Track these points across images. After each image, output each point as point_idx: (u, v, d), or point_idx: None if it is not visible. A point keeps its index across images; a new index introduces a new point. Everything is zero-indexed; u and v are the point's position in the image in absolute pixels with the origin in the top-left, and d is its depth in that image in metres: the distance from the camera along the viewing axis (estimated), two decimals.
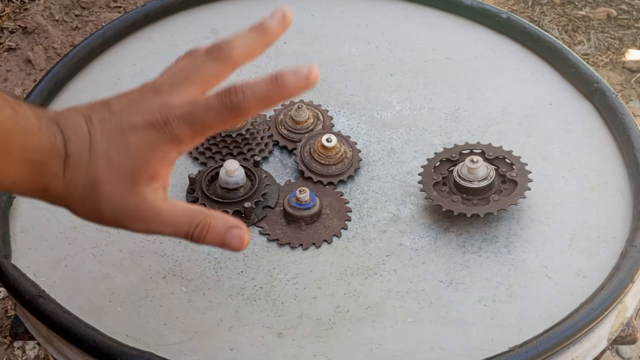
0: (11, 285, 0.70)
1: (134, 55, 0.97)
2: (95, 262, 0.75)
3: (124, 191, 0.53)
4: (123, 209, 0.53)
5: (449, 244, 0.77)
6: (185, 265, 0.75)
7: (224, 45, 0.55)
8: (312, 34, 0.99)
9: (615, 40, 1.99)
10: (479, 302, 0.72)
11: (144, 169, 0.53)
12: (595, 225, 0.78)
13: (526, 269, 0.75)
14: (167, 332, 0.70)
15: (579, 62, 0.92)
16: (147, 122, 0.52)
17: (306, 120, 0.86)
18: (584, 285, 0.73)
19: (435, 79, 0.94)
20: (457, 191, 0.78)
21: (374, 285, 0.74)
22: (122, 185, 0.53)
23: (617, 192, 0.81)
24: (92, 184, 0.52)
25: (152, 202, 0.54)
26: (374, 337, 0.70)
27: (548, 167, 0.83)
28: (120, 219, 0.54)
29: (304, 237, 0.77)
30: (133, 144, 0.52)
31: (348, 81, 0.94)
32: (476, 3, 1.00)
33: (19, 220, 0.79)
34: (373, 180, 0.83)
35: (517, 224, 0.78)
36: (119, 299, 0.72)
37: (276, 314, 0.71)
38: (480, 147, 0.82)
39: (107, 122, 0.53)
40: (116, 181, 0.53)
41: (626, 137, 0.83)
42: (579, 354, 0.70)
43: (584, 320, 0.67)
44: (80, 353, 0.68)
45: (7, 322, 1.44)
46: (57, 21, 1.98)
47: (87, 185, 0.52)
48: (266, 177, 0.82)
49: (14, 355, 1.40)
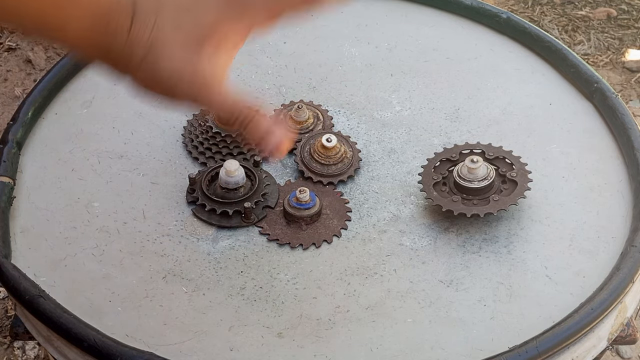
0: (11, 285, 0.71)
1: None
2: (95, 262, 0.75)
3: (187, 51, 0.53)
4: (182, 70, 0.53)
5: (449, 244, 0.77)
6: (185, 265, 0.75)
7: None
8: (312, 34, 0.99)
9: (615, 40, 1.99)
10: (479, 302, 0.72)
11: (210, 35, 0.54)
12: (595, 225, 0.78)
13: (526, 269, 0.75)
14: (167, 332, 0.70)
15: (579, 62, 0.92)
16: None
17: (306, 120, 0.86)
18: (584, 285, 0.73)
19: (435, 79, 0.94)
20: (457, 191, 0.78)
21: (374, 285, 0.74)
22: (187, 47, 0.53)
23: (617, 192, 0.81)
24: (157, 41, 0.52)
25: (213, 68, 0.54)
26: (374, 337, 0.70)
27: (548, 167, 0.83)
28: (173, 81, 0.53)
29: (304, 237, 0.77)
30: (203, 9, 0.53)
31: (348, 81, 0.94)
32: (476, 3, 1.00)
33: (19, 220, 0.79)
34: (373, 180, 0.83)
35: (517, 224, 0.78)
36: (119, 299, 0.72)
37: (276, 314, 0.71)
38: (480, 147, 0.82)
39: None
40: (181, 43, 0.53)
41: (626, 137, 0.83)
42: (579, 354, 0.70)
43: (584, 321, 0.67)
44: (80, 353, 0.68)
45: (7, 322, 1.44)
46: None
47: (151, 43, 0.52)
48: (266, 177, 0.82)
49: (14, 355, 1.40)
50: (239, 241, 0.77)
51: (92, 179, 0.82)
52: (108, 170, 0.83)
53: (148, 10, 0.52)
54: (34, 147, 0.86)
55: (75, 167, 0.84)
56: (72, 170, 0.83)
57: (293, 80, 0.94)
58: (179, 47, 0.53)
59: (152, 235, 0.78)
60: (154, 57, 0.53)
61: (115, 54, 0.53)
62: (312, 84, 0.93)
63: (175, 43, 0.53)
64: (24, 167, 0.84)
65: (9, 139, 0.83)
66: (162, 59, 0.53)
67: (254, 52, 0.96)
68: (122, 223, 0.79)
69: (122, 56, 0.53)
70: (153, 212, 0.80)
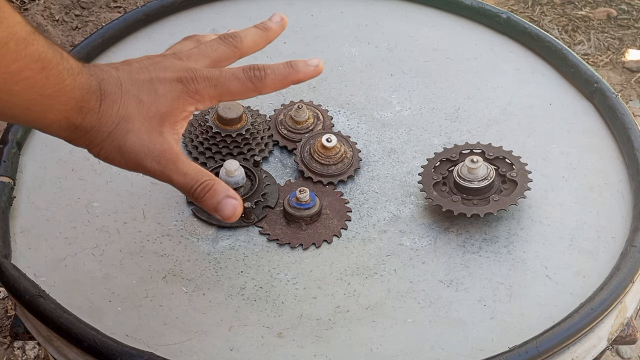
0: (11, 285, 0.70)
1: (134, 54, 0.96)
2: (95, 262, 0.75)
3: (151, 129, 0.59)
4: (147, 145, 0.59)
5: (449, 244, 0.77)
6: (185, 265, 0.75)
7: (235, 34, 0.65)
8: (313, 34, 0.99)
9: (615, 40, 1.99)
10: (479, 302, 0.72)
11: (169, 113, 0.60)
12: (595, 225, 0.78)
13: (526, 269, 0.75)
14: (167, 332, 0.70)
15: (579, 62, 0.92)
16: (174, 77, 0.61)
17: (306, 120, 0.86)
18: (584, 286, 0.73)
19: (435, 79, 0.94)
20: (457, 191, 0.78)
21: (374, 285, 0.74)
22: (150, 124, 0.59)
23: (617, 192, 0.81)
24: (123, 118, 0.58)
25: (174, 146, 0.60)
26: (374, 337, 0.70)
27: (548, 167, 0.83)
28: (140, 156, 0.59)
29: (304, 237, 0.77)
30: (162, 92, 0.60)
31: (348, 81, 0.94)
32: (476, 3, 1.00)
33: (19, 220, 0.79)
34: (373, 180, 0.83)
35: (517, 224, 0.78)
36: (119, 299, 0.72)
37: (276, 314, 0.71)
38: (480, 147, 0.82)
39: (135, 73, 0.60)
40: (145, 119, 0.59)
41: (626, 137, 0.83)
42: (579, 354, 0.70)
43: (584, 321, 0.67)
44: (80, 353, 0.68)
45: (7, 322, 1.44)
46: (57, 21, 1.98)
47: (118, 119, 0.58)
48: (266, 177, 0.82)
49: (14, 355, 1.40)
50: (239, 241, 0.77)
51: (92, 179, 0.82)
52: (108, 170, 0.83)
53: (114, 90, 0.58)
54: (34, 147, 0.85)
55: (75, 167, 0.83)
56: (72, 170, 0.83)
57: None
58: (145, 122, 0.59)
59: (152, 235, 0.78)
60: (122, 132, 0.59)
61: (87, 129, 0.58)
62: (312, 84, 0.93)
63: (141, 118, 0.59)
64: (24, 167, 0.84)
65: (9, 139, 0.83)
66: (129, 133, 0.59)
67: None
68: (122, 223, 0.79)
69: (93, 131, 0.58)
70: (153, 212, 0.80)
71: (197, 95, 0.61)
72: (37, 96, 0.53)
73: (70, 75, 0.55)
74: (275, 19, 0.68)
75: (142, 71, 0.61)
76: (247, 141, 0.84)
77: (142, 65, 0.62)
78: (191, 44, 0.66)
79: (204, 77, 0.61)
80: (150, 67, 0.62)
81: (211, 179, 0.61)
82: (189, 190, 0.61)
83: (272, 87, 0.63)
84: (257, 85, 0.63)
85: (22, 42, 0.51)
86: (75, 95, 0.56)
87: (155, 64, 0.62)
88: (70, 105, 0.56)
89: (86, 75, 0.57)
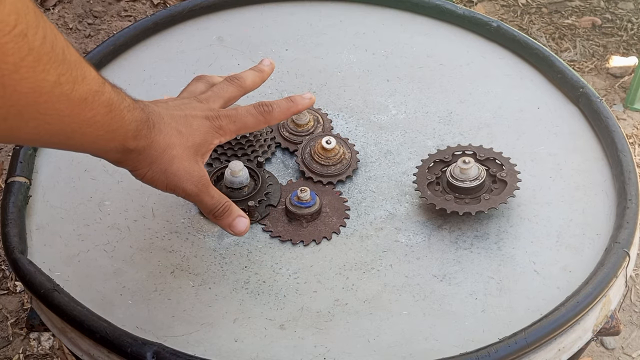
0: (27, 280, 0.71)
1: (143, 61, 0.97)
2: (107, 257, 0.75)
3: (190, 157, 0.66)
4: (188, 171, 0.66)
5: (442, 240, 0.77)
6: (192, 261, 0.75)
7: (239, 77, 0.74)
8: (313, 42, 0.99)
9: (600, 47, 1.99)
10: (471, 295, 0.72)
11: (201, 145, 0.67)
12: (581, 223, 0.78)
13: (515, 265, 0.75)
14: (175, 324, 0.70)
15: (565, 68, 0.92)
16: (203, 115, 0.68)
17: (307, 123, 0.86)
18: (570, 280, 0.73)
19: (429, 84, 0.94)
20: (450, 190, 0.78)
21: (371, 279, 0.74)
22: (189, 152, 0.66)
23: (601, 191, 0.81)
24: (169, 145, 0.65)
25: (206, 173, 0.68)
26: (371, 329, 0.70)
27: (536, 168, 0.83)
28: (182, 180, 0.66)
29: (305, 234, 0.77)
30: (195, 127, 0.67)
31: (346, 86, 0.94)
32: (468, 12, 1.00)
33: (34, 218, 0.79)
34: (370, 180, 0.83)
35: (507, 222, 0.78)
36: (130, 293, 0.72)
37: (278, 307, 0.71)
38: (471, 148, 0.82)
39: (171, 110, 0.67)
40: (185, 148, 0.66)
41: (610, 139, 0.83)
42: (566, 344, 0.70)
43: (570, 313, 0.67)
44: (92, 344, 0.68)
45: (23, 315, 1.44)
46: (70, 29, 1.98)
47: (164, 146, 0.64)
48: (269, 177, 0.82)
49: (30, 346, 1.40)
50: (243, 238, 0.77)
51: (103, 179, 0.82)
52: (119, 171, 0.82)
53: (159, 121, 0.64)
54: (49, 149, 0.85)
55: (88, 167, 0.84)
56: (85, 170, 0.83)
57: (294, 85, 0.94)
58: (185, 151, 0.66)
59: (160, 232, 0.78)
60: (169, 156, 0.65)
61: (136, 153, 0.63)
62: (312, 89, 0.93)
63: (182, 147, 0.65)
64: (39, 168, 0.84)
65: None
66: (174, 158, 0.65)
67: (257, 59, 0.96)
68: (132, 221, 0.79)
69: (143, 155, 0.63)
70: (162, 211, 0.80)
71: (221, 130, 0.69)
72: (103, 133, 0.58)
73: (128, 111, 0.60)
74: (266, 63, 0.78)
75: (177, 108, 0.68)
76: (251, 143, 0.84)
77: (175, 104, 0.68)
78: (203, 86, 0.73)
79: (225, 115, 0.69)
80: (182, 106, 0.68)
81: (229, 201, 0.70)
82: (212, 209, 0.69)
83: (278, 119, 0.72)
84: (267, 118, 0.71)
85: (96, 95, 0.55)
86: (132, 127, 0.61)
87: (185, 104, 0.69)
88: (128, 135, 0.61)
89: (139, 109, 0.62)
